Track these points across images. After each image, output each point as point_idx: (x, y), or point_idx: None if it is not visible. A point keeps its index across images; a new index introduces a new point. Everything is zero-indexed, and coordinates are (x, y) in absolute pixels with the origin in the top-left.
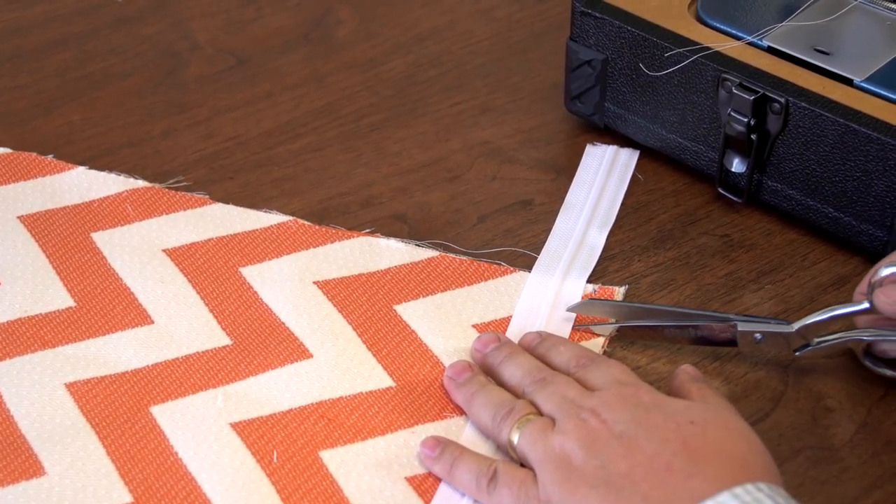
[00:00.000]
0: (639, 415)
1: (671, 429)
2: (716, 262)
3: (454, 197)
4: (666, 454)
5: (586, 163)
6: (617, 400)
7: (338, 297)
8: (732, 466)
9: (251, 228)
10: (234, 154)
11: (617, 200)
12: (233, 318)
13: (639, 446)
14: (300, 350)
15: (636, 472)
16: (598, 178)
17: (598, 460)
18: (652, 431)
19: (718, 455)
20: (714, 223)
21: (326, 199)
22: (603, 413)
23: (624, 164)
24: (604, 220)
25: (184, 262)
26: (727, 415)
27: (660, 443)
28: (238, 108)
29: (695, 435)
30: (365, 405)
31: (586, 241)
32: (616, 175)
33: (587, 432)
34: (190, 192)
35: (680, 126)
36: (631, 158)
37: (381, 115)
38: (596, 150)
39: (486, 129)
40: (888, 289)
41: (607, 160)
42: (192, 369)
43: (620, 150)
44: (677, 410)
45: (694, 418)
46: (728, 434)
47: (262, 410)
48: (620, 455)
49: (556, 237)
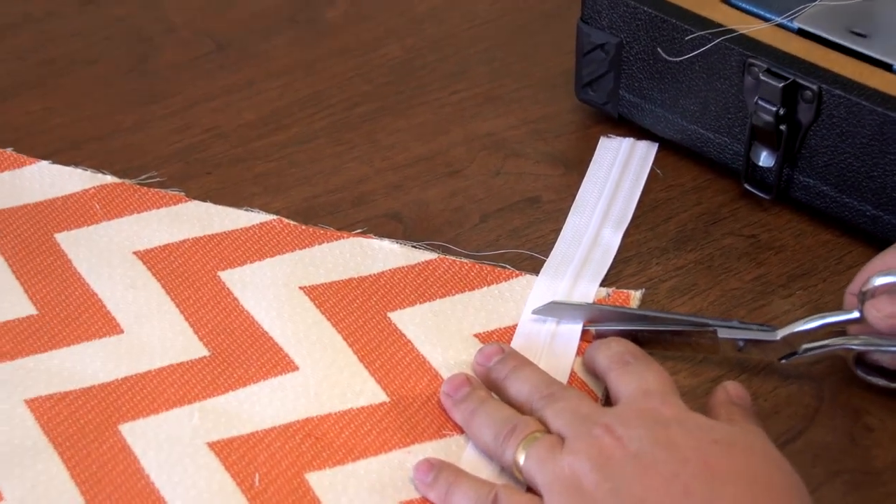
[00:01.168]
0: (657, 431)
1: (691, 447)
2: (742, 266)
3: (454, 194)
4: (685, 475)
5: (600, 156)
6: (634, 415)
7: (326, 303)
8: (757, 491)
9: (231, 228)
10: (212, 147)
11: (633, 197)
12: (211, 327)
13: (655, 467)
14: (285, 362)
15: (651, 496)
16: (613, 173)
17: (610, 482)
18: (670, 450)
19: (742, 478)
20: (740, 223)
21: (314, 196)
22: (617, 429)
23: (641, 158)
24: (619, 218)
25: (157, 265)
26: (755, 437)
27: (678, 463)
28: (217, 98)
29: (718, 455)
30: (356, 422)
31: (599, 242)
32: (632, 170)
33: (599, 451)
34: (164, 188)
35: (702, 116)
36: (649, 152)
37: (374, 105)
38: (610, 143)
39: (489, 119)
40: (881, 301)
41: (623, 154)
42: (165, 383)
43: (637, 142)
44: (700, 428)
45: (718, 437)
46: (754, 456)
47: (242, 428)
48: (635, 476)
49: (567, 238)
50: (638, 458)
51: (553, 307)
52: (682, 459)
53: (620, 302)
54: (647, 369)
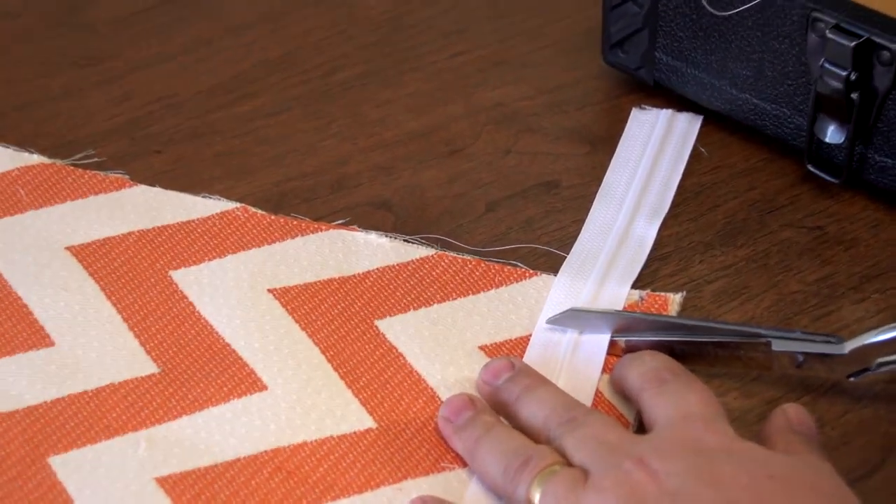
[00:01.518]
0: (700, 465)
1: (742, 485)
2: (804, 264)
3: (455, 178)
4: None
5: (631, 132)
6: (672, 445)
7: (301, 309)
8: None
9: (185, 219)
10: (162, 120)
11: (672, 183)
12: (160, 339)
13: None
14: (250, 380)
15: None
16: (648, 152)
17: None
18: (716, 488)
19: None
20: (801, 212)
21: (286, 180)
22: (653, 462)
23: (682, 135)
24: (654, 208)
25: (95, 263)
26: (820, 472)
27: (726, 503)
28: (167, 60)
29: (774, 494)
30: (336, 453)
31: (631, 236)
32: (671, 149)
33: (631, 489)
34: (103, 170)
35: (756, 83)
36: (691, 126)
37: (357, 69)
38: (644, 116)
39: (497, 88)
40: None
41: (660, 129)
42: (105, 407)
43: (677, 114)
44: (753, 460)
45: (774, 472)
46: (819, 496)
47: (199, 461)
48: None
49: (592, 230)
50: (677, 499)
51: (573, 315)
52: (730, 500)
53: (656, 308)
54: (688, 389)
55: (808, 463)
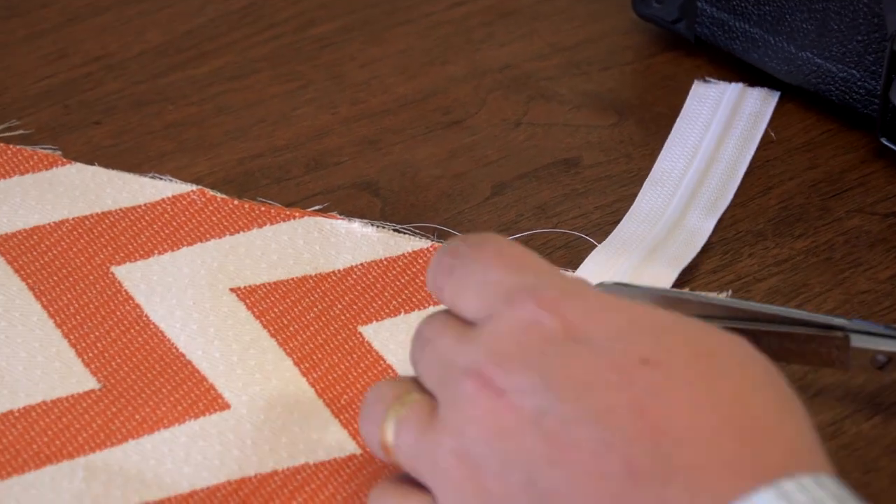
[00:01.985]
0: (552, 369)
1: (615, 385)
2: (876, 258)
3: (455, 154)
4: (620, 445)
5: (691, 110)
6: (509, 344)
7: (270, 312)
8: (744, 446)
9: (130, 204)
10: (101, 84)
11: (738, 171)
12: (101, 348)
13: (571, 437)
14: (209, 397)
15: (578, 491)
16: (710, 135)
17: (521, 472)
18: (585, 401)
19: (717, 425)
20: (873, 195)
21: (251, 156)
22: (496, 377)
23: (753, 115)
24: (714, 199)
25: (21, 257)
26: (714, 334)
27: (605, 420)
28: (107, 11)
29: (654, 391)
30: (313, 484)
31: (684, 227)
32: (739, 131)
33: (486, 426)
34: (30, 145)
35: (819, 39)
36: (766, 104)
37: (337, 23)
38: (709, 91)
39: (505, 45)
40: None
41: (726, 107)
42: (34, 429)
43: (749, 89)
44: (615, 338)
45: (647, 352)
46: (724, 378)
47: (147, 494)
48: (550, 459)
49: (638, 217)
50: (541, 425)
51: (616, 291)
52: (607, 412)
53: None
54: (486, 259)
55: (690, 321)
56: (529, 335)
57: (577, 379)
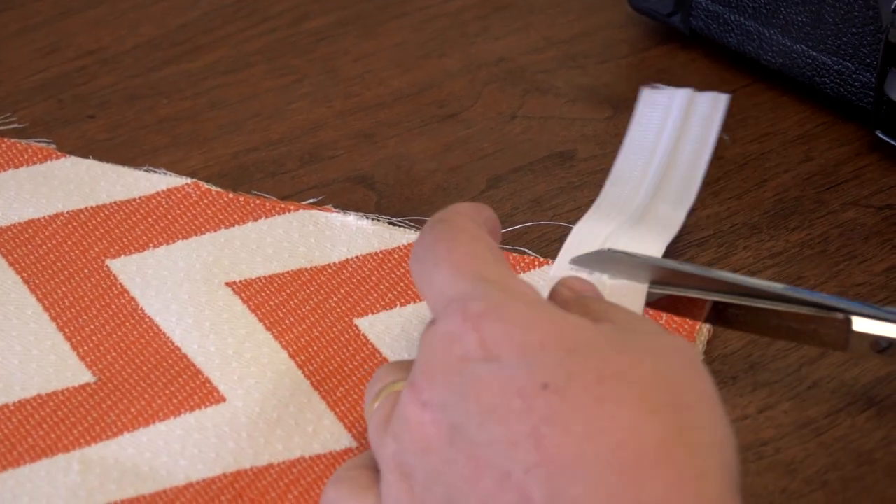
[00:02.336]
0: (465, 388)
1: (517, 412)
2: (870, 250)
3: (450, 147)
4: (518, 476)
5: (643, 117)
6: (434, 356)
7: (265, 306)
8: (624, 480)
9: (125, 198)
10: (95, 78)
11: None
12: (96, 341)
13: (480, 462)
14: (205, 390)
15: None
16: (663, 141)
17: (442, 487)
18: (491, 427)
19: (603, 455)
20: (868, 187)
21: (246, 150)
22: (423, 390)
23: (704, 119)
24: (678, 197)
25: (15, 251)
26: (629, 349)
27: (506, 448)
28: (100, 4)
29: (550, 419)
30: (308, 478)
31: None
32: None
33: (413, 436)
34: (24, 139)
35: (813, 31)
36: (716, 108)
37: (332, 16)
38: (658, 97)
39: (500, 38)
40: None
41: (676, 113)
42: (29, 423)
43: (698, 95)
44: (527, 359)
45: (549, 374)
46: (618, 395)
47: (142, 487)
48: (465, 480)
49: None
50: (457, 443)
51: (605, 258)
52: (509, 439)
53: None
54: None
55: (612, 334)
56: (451, 351)
57: (486, 403)
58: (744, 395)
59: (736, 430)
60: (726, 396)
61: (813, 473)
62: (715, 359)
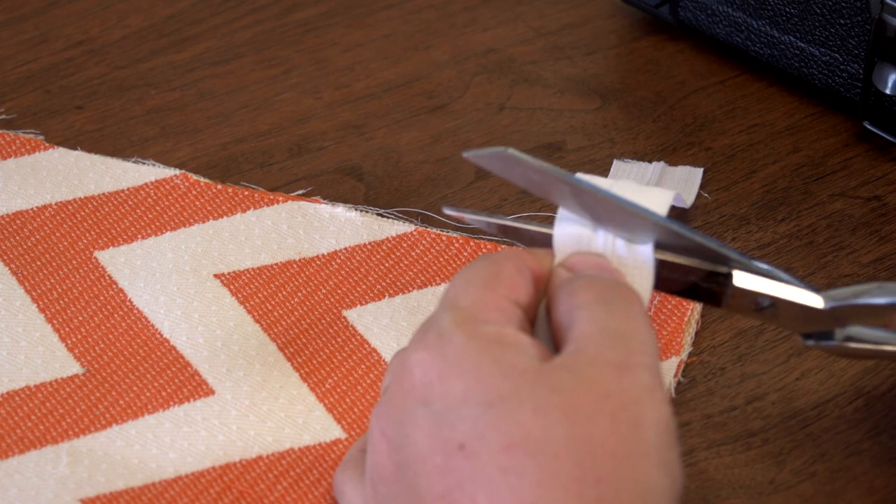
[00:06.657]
0: (407, 426)
1: (436, 469)
2: (858, 241)
3: (438, 138)
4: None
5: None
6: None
7: (254, 298)
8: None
9: (113, 189)
10: (83, 69)
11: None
12: (84, 333)
13: (415, 496)
14: (194, 382)
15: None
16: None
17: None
18: (416, 481)
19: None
20: (856, 179)
21: (234, 142)
22: (382, 417)
23: (682, 183)
24: None
25: (3, 242)
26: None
27: (432, 501)
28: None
29: (462, 483)
30: (297, 469)
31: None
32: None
33: (374, 461)
34: (12, 130)
35: (802, 23)
36: (691, 181)
37: (320, 7)
38: (630, 169)
39: (488, 29)
40: None
41: (652, 177)
42: (17, 414)
43: (671, 169)
44: (451, 411)
45: (465, 434)
46: (523, 465)
47: (131, 479)
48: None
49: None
50: (400, 483)
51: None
52: (432, 496)
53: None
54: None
55: (541, 382)
56: (402, 381)
57: (414, 452)
58: (732, 387)
59: (724, 422)
60: (714, 388)
61: (801, 464)
62: (703, 350)
